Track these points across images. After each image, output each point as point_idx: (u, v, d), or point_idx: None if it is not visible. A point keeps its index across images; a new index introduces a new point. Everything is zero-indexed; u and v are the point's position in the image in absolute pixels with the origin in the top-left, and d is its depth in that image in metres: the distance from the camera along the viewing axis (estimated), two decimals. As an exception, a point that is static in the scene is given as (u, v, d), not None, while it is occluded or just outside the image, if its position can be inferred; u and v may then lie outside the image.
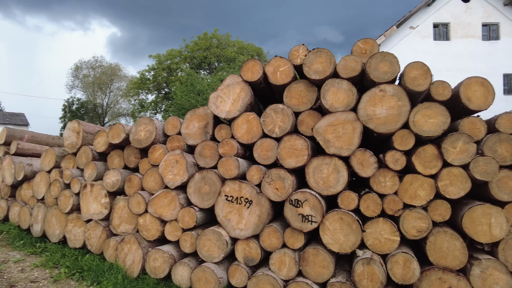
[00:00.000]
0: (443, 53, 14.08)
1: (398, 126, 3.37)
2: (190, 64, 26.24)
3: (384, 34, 13.94)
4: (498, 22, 14.23)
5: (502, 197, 3.31)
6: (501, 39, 14.21)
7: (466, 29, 14.23)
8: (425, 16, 14.29)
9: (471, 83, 3.48)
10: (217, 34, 26.26)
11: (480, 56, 14.09)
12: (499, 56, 14.10)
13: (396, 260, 3.28)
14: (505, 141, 3.33)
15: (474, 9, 14.25)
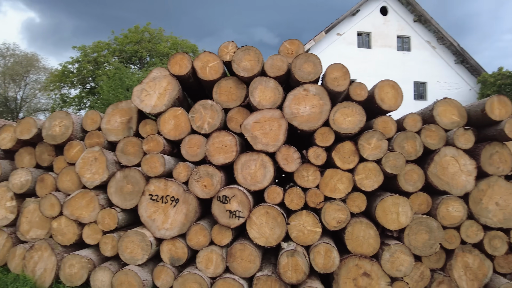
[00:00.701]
0: (365, 60, 15.35)
1: (320, 123, 3.56)
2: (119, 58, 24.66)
3: (314, 39, 14.72)
4: (409, 35, 15.99)
5: (408, 188, 3.70)
6: (412, 51, 15.99)
7: (385, 39, 15.72)
8: (350, 24, 15.44)
9: (384, 86, 3.82)
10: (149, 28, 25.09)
11: (396, 65, 15.68)
12: (411, 65, 15.85)
13: (318, 250, 3.46)
14: (410, 139, 3.72)
15: (391, 22, 15.81)
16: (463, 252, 3.78)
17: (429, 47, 16.11)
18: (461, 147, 3.74)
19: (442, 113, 3.88)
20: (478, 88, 15.56)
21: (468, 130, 3.76)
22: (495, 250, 3.74)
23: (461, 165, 3.72)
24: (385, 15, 15.89)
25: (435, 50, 16.13)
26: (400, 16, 15.96)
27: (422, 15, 15.84)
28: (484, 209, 3.72)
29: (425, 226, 3.58)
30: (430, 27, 15.98)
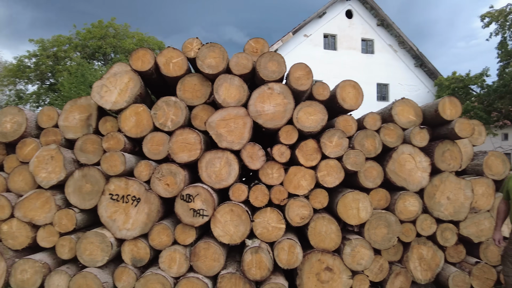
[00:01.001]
0: (331, 61, 15.75)
1: (284, 122, 3.61)
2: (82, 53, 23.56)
3: (281, 39, 14.90)
4: (373, 38, 16.61)
5: (368, 185, 3.84)
6: (375, 54, 16.63)
7: (350, 42, 16.22)
8: (317, 26, 15.78)
9: (345, 86, 3.94)
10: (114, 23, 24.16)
11: (360, 67, 16.23)
12: (374, 68, 16.47)
13: (282, 246, 3.51)
14: (370, 137, 3.87)
15: (355, 25, 16.34)
16: (418, 245, 3.99)
17: (391, 51, 16.83)
18: (417, 145, 3.94)
19: (400, 113, 4.07)
20: (435, 90, 16.46)
21: (424, 129, 3.97)
22: (446, 241, 3.98)
23: (417, 162, 3.92)
24: (350, 19, 16.40)
25: (397, 54, 16.88)
26: (364, 20, 16.53)
27: (385, 20, 16.52)
28: (437, 203, 3.95)
29: (384, 220, 3.74)
30: (392, 32, 16.70)
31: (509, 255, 3.28)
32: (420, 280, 3.98)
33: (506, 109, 13.00)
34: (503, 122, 13.88)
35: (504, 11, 12.70)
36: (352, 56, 16.21)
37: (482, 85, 13.88)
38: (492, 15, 12.94)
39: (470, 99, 14.39)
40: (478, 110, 13.38)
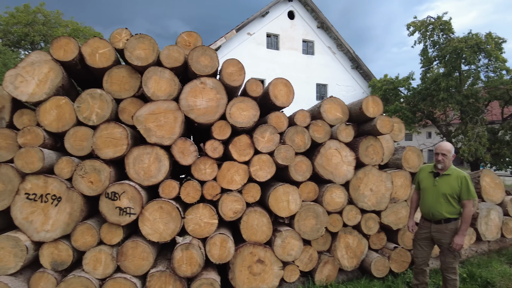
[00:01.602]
0: (274, 61, 16.08)
1: (217, 117, 3.61)
2: (4, 40, 21.20)
3: (225, 36, 14.84)
4: (313, 40, 17.30)
5: (298, 178, 4.00)
6: (315, 55, 17.33)
7: (291, 42, 16.70)
8: (260, 25, 15.98)
9: (277, 83, 4.05)
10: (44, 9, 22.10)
11: (301, 67, 16.80)
12: (314, 68, 17.17)
13: (214, 241, 3.51)
14: (300, 133, 4.02)
15: (297, 26, 16.87)
16: (345, 234, 4.26)
17: (330, 52, 17.67)
18: (343, 140, 4.19)
19: (328, 110, 4.29)
20: (369, 91, 17.64)
21: (349, 126, 4.23)
22: (369, 230, 4.30)
23: (343, 157, 4.17)
24: (292, 19, 16.87)
25: (335, 56, 17.77)
26: (305, 22, 17.12)
27: (324, 23, 17.28)
28: (361, 195, 4.25)
29: (313, 212, 3.92)
30: (331, 34, 17.53)
31: (418, 239, 3.64)
32: (347, 267, 4.25)
33: (428, 109, 14.38)
34: (425, 122, 15.34)
35: (425, 22, 14.01)
36: (293, 56, 16.70)
37: (408, 88, 15.17)
38: (415, 24, 14.19)
39: (398, 100, 15.66)
40: (405, 110, 14.61)
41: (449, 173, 3.45)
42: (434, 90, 13.52)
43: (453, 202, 3.40)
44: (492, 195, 5.43)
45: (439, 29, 13.86)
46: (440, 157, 3.44)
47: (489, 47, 12.45)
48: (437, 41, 13.99)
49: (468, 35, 13.08)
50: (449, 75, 13.21)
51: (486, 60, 13.04)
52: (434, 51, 14.25)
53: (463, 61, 12.90)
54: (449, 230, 3.41)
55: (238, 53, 15.30)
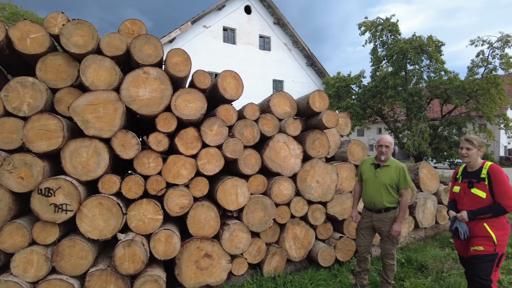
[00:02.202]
0: (230, 55, 15.99)
1: (161, 108, 3.49)
2: None
3: (179, 28, 14.44)
4: (270, 36, 17.44)
5: (247, 171, 4.00)
6: (271, 51, 17.50)
7: (248, 37, 16.70)
8: (216, 18, 15.77)
9: (226, 76, 4.00)
10: (-23, -10, 20.08)
11: (257, 62, 16.88)
12: (270, 64, 17.35)
13: (159, 237, 3.41)
14: (249, 126, 4.03)
15: (254, 21, 16.89)
16: (292, 225, 4.35)
17: (286, 49, 17.94)
18: (291, 134, 4.26)
19: (277, 104, 4.33)
20: (323, 88, 18.20)
21: (297, 120, 4.31)
22: (316, 220, 4.43)
23: (290, 150, 4.25)
24: (249, 14, 16.86)
25: (291, 52, 18.06)
26: (262, 17, 17.19)
27: (281, 19, 17.47)
28: (308, 187, 4.36)
29: (261, 204, 3.95)
30: (287, 31, 17.78)
31: (361, 228, 3.81)
32: (295, 258, 4.35)
33: (377, 106, 15.15)
34: (375, 118, 16.16)
35: (375, 23, 14.71)
36: (250, 51, 16.72)
37: (359, 85, 15.87)
38: (366, 25, 14.85)
39: (350, 97, 16.33)
40: (356, 107, 15.27)
41: (389, 164, 3.64)
42: (382, 88, 14.26)
43: (392, 192, 3.59)
44: (428, 185, 5.85)
45: (387, 30, 14.62)
46: (384, 149, 3.62)
47: (430, 49, 13.37)
48: (385, 41, 14.75)
49: (413, 37, 13.93)
50: (396, 74, 14.00)
51: (428, 61, 14.00)
52: (383, 51, 15.02)
53: (409, 61, 13.73)
54: (388, 218, 3.60)
55: (194, 45, 15.00)
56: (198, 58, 15.03)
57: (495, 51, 12.89)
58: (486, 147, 13.64)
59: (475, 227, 2.94)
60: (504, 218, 2.91)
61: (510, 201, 2.80)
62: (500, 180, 2.85)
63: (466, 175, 3.10)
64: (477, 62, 13.30)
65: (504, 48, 12.72)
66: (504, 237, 2.88)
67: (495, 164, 2.96)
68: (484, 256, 2.85)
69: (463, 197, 3.06)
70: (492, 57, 12.95)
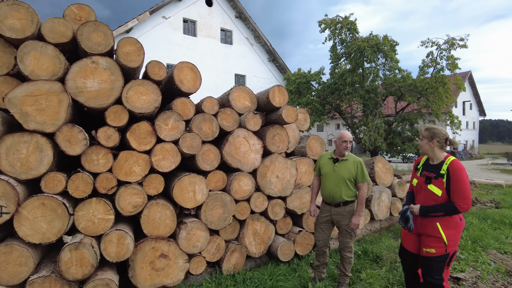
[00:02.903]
0: (191, 48, 15.59)
1: (111, 101, 3.26)
2: None
3: (137, 18, 13.78)
4: (232, 29, 17.25)
5: (206, 167, 3.88)
6: (233, 45, 17.33)
7: (209, 30, 16.38)
8: (176, 9, 15.28)
9: (183, 68, 3.83)
10: None
11: (219, 56, 16.65)
12: (232, 58, 17.18)
13: (110, 239, 3.20)
14: (208, 120, 3.90)
15: (215, 14, 16.59)
16: (252, 221, 4.30)
17: (248, 43, 17.85)
18: (251, 129, 4.20)
19: (236, 99, 4.24)
20: (284, 84, 18.37)
21: (257, 114, 4.26)
22: (276, 215, 4.42)
23: (250, 145, 4.19)
24: (210, 7, 16.53)
25: (253, 47, 18.01)
26: (223, 10, 16.94)
27: (242, 13, 17.33)
28: (268, 182, 4.33)
29: (220, 201, 3.85)
30: (249, 25, 17.68)
31: (320, 223, 3.85)
32: (255, 253, 4.31)
33: (335, 103, 15.58)
34: (333, 114, 16.62)
35: (335, 21, 15.07)
36: (211, 44, 16.42)
37: (319, 82, 16.21)
38: (326, 22, 15.17)
39: (310, 93, 16.64)
40: (315, 103, 15.59)
41: (347, 158, 3.70)
42: (341, 84, 14.67)
43: (351, 186, 3.66)
44: (383, 179, 6.09)
45: (346, 28, 15.03)
46: (348, 144, 3.66)
47: (386, 48, 13.95)
48: (344, 39, 15.15)
49: (370, 36, 14.45)
50: (354, 71, 14.46)
51: (384, 59, 14.61)
52: (342, 48, 15.43)
53: (366, 59, 14.23)
54: (347, 212, 3.66)
55: (152, 36, 14.45)
56: (157, 49, 14.50)
57: (442, 52, 13.74)
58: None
59: (428, 226, 2.83)
60: (457, 217, 2.78)
61: (464, 202, 2.66)
62: (458, 178, 2.68)
63: (427, 167, 2.93)
64: (427, 62, 14.10)
65: (450, 50, 13.60)
66: (456, 236, 2.78)
67: (456, 161, 2.75)
68: (436, 257, 2.77)
69: (420, 191, 2.95)
70: (440, 58, 13.80)
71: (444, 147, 2.88)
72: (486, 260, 4.53)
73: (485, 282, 3.94)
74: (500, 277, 4.09)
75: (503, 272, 4.21)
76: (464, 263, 4.41)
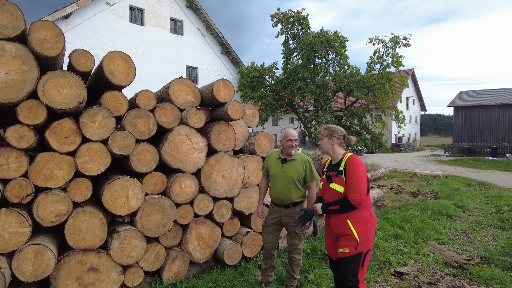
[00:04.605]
0: (138, 37, 14.67)
1: (23, 95, 2.78)
2: None
3: (77, 3, 12.60)
4: (182, 19, 16.51)
5: (142, 169, 3.52)
6: (184, 35, 16.61)
7: (158, 19, 15.52)
8: (122, -4, 14.26)
9: (114, 58, 3.41)
10: None
11: (169, 47, 15.87)
12: (183, 49, 16.48)
13: (25, 255, 2.76)
14: (143, 117, 3.53)
15: (164, 2, 15.75)
16: (196, 225, 4.03)
17: (200, 35, 17.22)
18: (194, 126, 3.90)
19: (177, 93, 3.91)
20: (238, 78, 18.11)
21: (200, 110, 3.96)
22: (222, 217, 4.19)
23: (193, 143, 3.89)
24: (159, -5, 15.67)
25: (205, 39, 17.42)
26: (173, -1, 16.15)
27: (194, 3, 16.65)
28: (213, 182, 4.07)
29: (158, 206, 3.53)
30: (200, 16, 17.06)
31: (268, 225, 3.66)
32: (200, 259, 4.05)
33: (288, 97, 15.69)
34: (286, 108, 16.74)
35: (287, 15, 15.09)
36: (160, 34, 15.59)
37: (272, 76, 16.20)
38: (278, 16, 15.14)
39: (264, 88, 16.58)
40: (269, 98, 15.57)
41: (295, 158, 3.56)
42: (293, 79, 14.77)
43: (300, 186, 3.52)
44: (332, 174, 6.10)
45: (298, 23, 15.10)
46: (294, 143, 3.50)
47: (336, 45, 14.24)
48: (296, 34, 15.24)
49: (321, 32, 14.65)
50: (305, 67, 14.61)
51: (334, 55, 14.93)
52: (294, 43, 15.52)
53: (317, 55, 14.43)
54: (296, 213, 3.51)
55: (95, 24, 13.35)
56: (100, 38, 13.45)
57: (388, 50, 14.35)
58: (381, 136, 15.27)
59: (341, 225, 2.72)
60: (365, 212, 2.70)
61: (355, 194, 2.59)
62: (353, 172, 2.64)
63: (330, 168, 2.89)
64: (374, 59, 14.65)
65: (395, 48, 14.24)
66: (368, 233, 2.69)
67: (353, 156, 2.74)
68: (350, 257, 2.67)
69: (325, 193, 2.88)
70: (386, 55, 14.41)
71: (343, 144, 2.88)
72: (426, 252, 4.70)
73: (425, 274, 4.06)
74: (438, 268, 4.25)
75: (441, 263, 4.38)
76: (407, 257, 4.53)
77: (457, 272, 4.09)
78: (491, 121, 29.87)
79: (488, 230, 5.98)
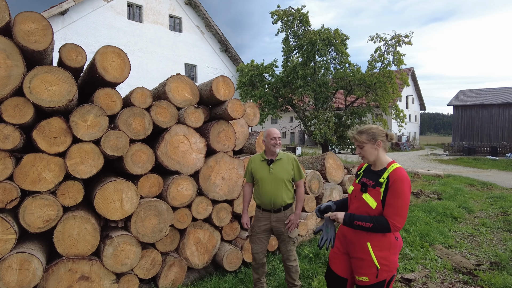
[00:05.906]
0: (136, 34, 14.43)
1: (7, 91, 2.58)
2: None
3: (73, -1, 12.42)
4: (181, 17, 16.27)
5: (136, 171, 3.32)
6: (183, 33, 16.37)
7: (156, 16, 15.28)
8: (119, -8, 14.01)
9: (107, 53, 3.21)
10: None
11: (167, 44, 15.63)
12: (182, 47, 16.24)
13: (9, 264, 2.56)
14: (138, 116, 3.33)
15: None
16: (194, 229, 3.84)
17: (199, 32, 16.99)
18: (192, 125, 3.71)
19: (174, 90, 3.71)
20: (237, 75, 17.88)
21: (199, 109, 3.77)
22: (222, 221, 4.00)
23: (192, 144, 3.70)
24: (158, -9, 15.42)
25: (204, 36, 17.19)
26: (172, -4, 15.90)
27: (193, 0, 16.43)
28: (213, 185, 3.88)
29: (154, 210, 3.33)
30: (199, 13, 16.82)
31: (257, 233, 3.35)
32: (198, 265, 3.86)
33: (288, 96, 15.47)
34: (286, 107, 16.52)
35: (287, 12, 14.84)
36: (159, 31, 15.34)
37: (272, 74, 15.96)
38: (279, 13, 14.89)
39: (264, 86, 16.35)
40: (269, 96, 15.33)
41: (281, 157, 3.33)
42: (293, 78, 14.55)
43: (290, 186, 3.31)
44: (334, 175, 5.93)
45: (298, 20, 14.88)
46: (278, 141, 3.27)
47: (336, 42, 14.02)
48: (296, 32, 15.01)
49: (321, 29, 14.43)
50: (305, 65, 14.38)
51: (334, 53, 14.71)
52: (294, 41, 15.28)
53: (317, 53, 14.21)
54: (287, 217, 3.31)
55: (92, 21, 13.11)
56: (97, 35, 13.22)
57: (389, 48, 14.14)
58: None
59: (357, 244, 2.32)
60: (391, 236, 2.27)
61: (398, 220, 2.15)
62: (398, 191, 2.17)
63: (368, 173, 2.41)
64: (375, 57, 14.44)
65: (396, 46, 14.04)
66: (390, 259, 2.26)
67: (400, 169, 2.25)
68: (371, 286, 2.27)
69: (353, 201, 2.42)
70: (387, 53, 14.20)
71: (387, 147, 2.43)
72: (433, 257, 4.52)
73: (434, 281, 3.89)
74: (447, 275, 4.08)
75: (450, 269, 4.20)
76: (414, 262, 4.35)
77: (467, 279, 3.91)
78: (491, 120, 29.74)
79: (495, 233, 5.81)
